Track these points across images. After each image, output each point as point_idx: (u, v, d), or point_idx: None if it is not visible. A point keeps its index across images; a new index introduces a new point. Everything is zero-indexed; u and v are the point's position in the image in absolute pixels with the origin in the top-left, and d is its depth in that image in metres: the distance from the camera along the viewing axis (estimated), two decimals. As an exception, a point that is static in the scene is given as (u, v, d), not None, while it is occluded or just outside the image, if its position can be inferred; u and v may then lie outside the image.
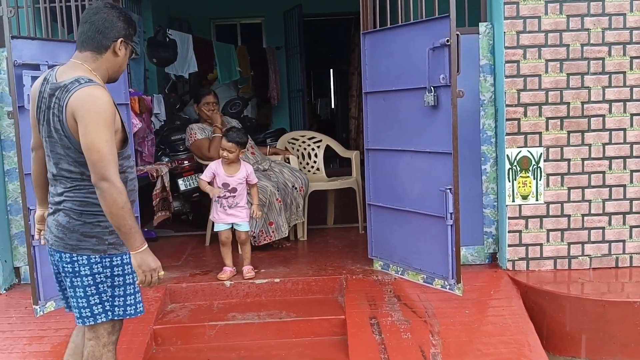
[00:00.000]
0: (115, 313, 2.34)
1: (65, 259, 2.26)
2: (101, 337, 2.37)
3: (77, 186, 2.25)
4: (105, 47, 2.26)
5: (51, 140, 2.23)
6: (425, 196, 3.59)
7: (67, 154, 2.21)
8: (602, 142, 3.72)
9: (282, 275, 3.93)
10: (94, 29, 2.24)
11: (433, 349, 3.08)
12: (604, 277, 3.70)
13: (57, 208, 2.29)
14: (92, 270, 2.26)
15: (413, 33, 3.55)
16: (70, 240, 2.24)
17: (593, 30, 3.66)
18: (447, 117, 3.35)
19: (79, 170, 2.22)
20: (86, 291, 2.28)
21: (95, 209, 2.25)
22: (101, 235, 2.26)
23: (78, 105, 2.12)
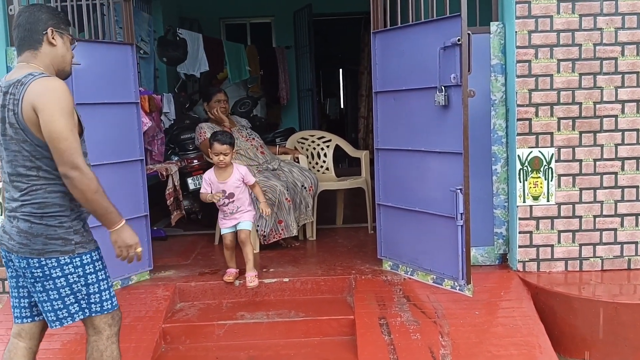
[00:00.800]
0: (93, 310, 2.34)
1: (34, 265, 2.22)
2: (103, 331, 2.39)
3: (34, 187, 2.21)
4: (38, 41, 2.26)
5: (5, 139, 2.21)
6: (435, 196, 3.57)
7: (22, 149, 2.18)
8: (615, 143, 3.69)
9: (291, 275, 3.92)
10: (22, 30, 2.27)
11: (442, 350, 3.06)
12: (616, 279, 3.66)
13: (14, 215, 2.25)
14: (63, 271, 2.24)
15: (424, 32, 3.53)
16: (36, 245, 2.21)
17: (606, 30, 3.63)
18: (457, 116, 3.33)
19: (35, 166, 2.19)
20: (60, 292, 2.26)
21: (55, 210, 2.22)
22: (66, 235, 2.24)
23: (38, 95, 2.10)
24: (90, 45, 3.67)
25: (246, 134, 4.94)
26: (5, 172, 2.27)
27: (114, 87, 3.76)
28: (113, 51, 3.78)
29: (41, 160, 2.18)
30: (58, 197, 2.22)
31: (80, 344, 3.26)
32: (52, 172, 2.20)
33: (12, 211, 2.26)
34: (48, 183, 2.21)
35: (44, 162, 2.19)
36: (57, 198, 2.22)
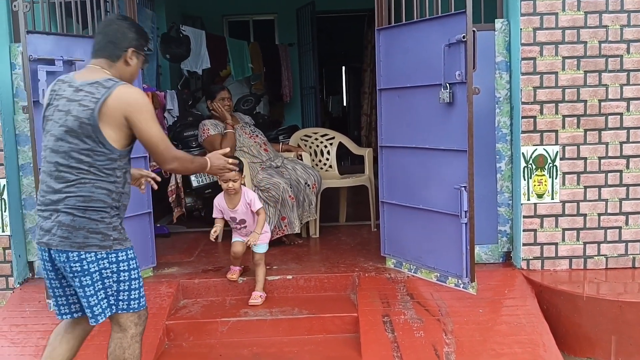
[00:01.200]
0: (119, 307, 2.39)
1: (73, 258, 2.29)
2: (128, 329, 2.44)
3: (82, 180, 2.29)
4: (117, 56, 2.39)
5: (61, 129, 2.28)
6: (440, 194, 3.56)
7: (83, 143, 2.26)
8: (620, 141, 3.67)
9: (294, 272, 3.91)
10: (106, 40, 2.39)
11: (446, 347, 3.06)
12: (621, 277, 3.65)
13: (55, 208, 2.30)
14: (99, 266, 2.31)
15: (428, 29, 3.52)
16: (77, 239, 2.28)
17: (611, 27, 3.61)
18: (462, 114, 3.32)
19: (89, 161, 2.28)
20: (95, 287, 2.33)
21: (98, 205, 2.31)
22: (105, 231, 2.32)
23: (130, 105, 2.28)
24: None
25: (249, 131, 4.93)
26: (51, 161, 2.31)
27: (117, 84, 3.75)
28: (117, 48, 3.77)
29: (97, 157, 2.29)
30: (103, 193, 2.31)
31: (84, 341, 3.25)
32: (103, 171, 2.31)
33: (52, 204, 2.30)
34: (96, 179, 2.29)
35: (100, 159, 2.29)
36: (102, 194, 2.31)
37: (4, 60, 3.78)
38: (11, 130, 3.82)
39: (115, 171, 2.34)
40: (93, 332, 3.30)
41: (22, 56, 3.27)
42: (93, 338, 3.25)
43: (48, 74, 3.31)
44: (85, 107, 2.25)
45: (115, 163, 2.33)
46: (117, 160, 2.33)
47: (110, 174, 2.32)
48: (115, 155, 2.31)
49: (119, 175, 2.36)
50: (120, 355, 2.44)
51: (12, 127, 3.82)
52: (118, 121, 2.28)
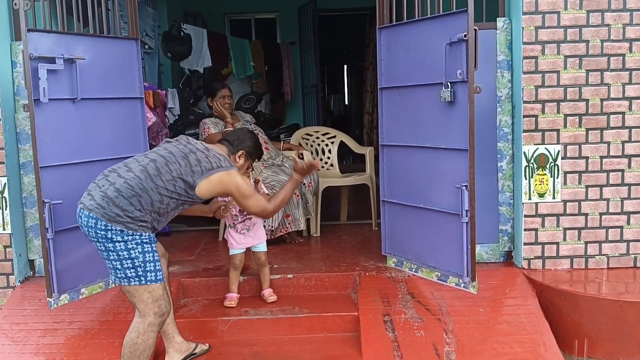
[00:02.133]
0: (149, 278, 2.63)
1: (101, 226, 2.57)
2: (147, 316, 2.65)
3: (155, 179, 2.66)
4: (233, 151, 3.10)
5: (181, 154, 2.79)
6: (441, 193, 3.55)
7: (184, 170, 2.73)
8: (622, 140, 3.66)
9: (295, 271, 3.91)
10: (234, 137, 3.17)
11: (447, 347, 3.05)
12: (622, 277, 3.64)
13: (112, 182, 2.65)
14: (124, 238, 2.58)
15: (430, 28, 3.51)
16: (111, 212, 2.58)
17: (613, 26, 3.60)
18: (463, 113, 3.31)
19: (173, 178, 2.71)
20: (119, 255, 2.59)
21: (144, 201, 2.62)
22: (137, 219, 2.61)
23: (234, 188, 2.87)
24: (95, 40, 3.66)
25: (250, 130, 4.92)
26: (151, 157, 2.75)
27: (118, 82, 3.75)
28: (118, 46, 3.77)
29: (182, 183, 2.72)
30: (156, 199, 2.66)
31: (85, 339, 3.26)
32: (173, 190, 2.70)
33: (114, 177, 2.66)
34: (164, 189, 2.68)
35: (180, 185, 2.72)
36: (155, 198, 2.65)
37: (4, 59, 3.78)
38: (12, 129, 3.82)
39: (180, 197, 2.73)
40: (94, 331, 3.33)
41: (23, 54, 3.27)
42: (93, 337, 3.28)
43: (49, 72, 3.31)
44: (209, 162, 2.79)
45: (185, 195, 2.74)
46: (188, 199, 2.77)
47: (175, 197, 2.71)
48: (191, 193, 2.75)
49: (179, 202, 2.75)
50: (134, 338, 2.64)
51: (13, 125, 3.82)
52: (219, 189, 2.85)
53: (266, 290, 3.73)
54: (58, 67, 3.36)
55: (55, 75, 3.39)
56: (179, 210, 2.83)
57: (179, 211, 2.85)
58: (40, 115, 3.33)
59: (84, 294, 3.59)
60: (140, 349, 2.65)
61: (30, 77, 3.24)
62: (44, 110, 3.36)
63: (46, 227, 3.31)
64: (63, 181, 3.45)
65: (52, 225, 3.33)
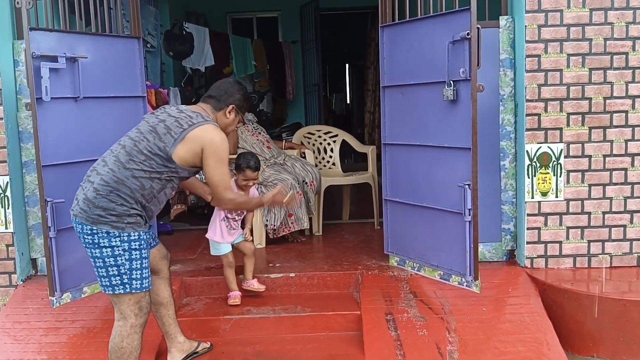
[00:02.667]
0: (134, 286, 2.53)
1: (86, 231, 2.50)
2: (129, 318, 2.58)
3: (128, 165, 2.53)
4: (221, 107, 2.80)
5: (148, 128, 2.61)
6: (443, 192, 3.55)
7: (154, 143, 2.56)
8: (625, 139, 3.65)
9: (297, 270, 3.91)
10: (217, 92, 2.83)
11: (449, 346, 3.04)
12: (625, 276, 3.63)
13: (90, 181, 2.55)
14: (110, 242, 2.49)
15: (432, 26, 3.50)
16: (93, 214, 2.48)
17: (616, 24, 3.59)
18: (466, 111, 3.30)
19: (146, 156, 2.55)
20: (105, 262, 2.50)
21: (125, 193, 2.51)
22: (121, 214, 2.50)
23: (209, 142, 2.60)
24: (97, 39, 3.66)
25: (252, 129, 4.92)
26: (122, 144, 2.62)
27: (120, 81, 3.75)
28: (120, 44, 3.77)
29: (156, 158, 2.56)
30: (135, 186, 2.53)
31: (87, 338, 3.26)
32: (152, 170, 2.55)
33: (93, 176, 2.57)
34: (140, 171, 2.53)
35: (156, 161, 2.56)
36: (133, 185, 2.52)
37: (7, 57, 3.77)
38: (14, 127, 3.82)
39: (161, 175, 2.58)
40: (96, 330, 3.33)
41: (25, 53, 3.27)
42: (95, 336, 3.28)
43: (51, 71, 3.31)
44: (179, 125, 2.59)
45: (166, 171, 2.58)
46: (172, 174, 2.60)
47: (155, 176, 2.56)
48: (171, 165, 2.58)
49: (162, 181, 2.60)
50: (119, 342, 2.58)
51: (15, 124, 3.82)
52: (194, 148, 2.59)
53: (253, 281, 3.72)
54: (60, 66, 3.36)
55: (58, 74, 3.39)
56: (168, 190, 2.67)
57: (170, 191, 2.69)
58: (43, 114, 3.33)
59: (86, 292, 3.59)
60: (127, 352, 2.60)
61: (32, 76, 3.24)
62: (46, 109, 3.36)
63: (48, 225, 3.32)
64: (65, 180, 3.44)
65: (55, 224, 3.34)
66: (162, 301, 2.97)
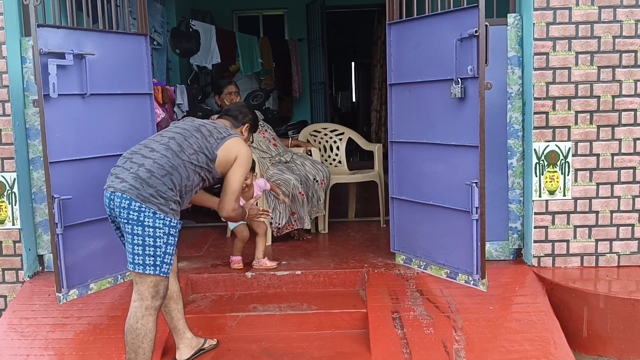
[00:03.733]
0: (163, 269, 2.64)
1: (134, 207, 2.57)
2: (145, 299, 2.64)
3: (180, 155, 2.70)
4: (237, 125, 3.17)
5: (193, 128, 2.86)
6: (450, 190, 3.53)
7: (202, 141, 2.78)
8: (633, 137, 3.63)
9: (303, 268, 3.90)
10: (236, 111, 3.23)
11: (456, 344, 3.04)
12: (633, 275, 3.61)
13: (140, 163, 2.66)
14: (155, 223, 2.58)
15: (440, 23, 3.48)
16: (145, 193, 2.58)
17: (625, 22, 3.56)
18: (474, 109, 3.28)
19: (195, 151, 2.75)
20: (145, 241, 2.59)
21: (175, 179, 2.66)
22: (169, 199, 2.63)
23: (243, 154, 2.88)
24: (104, 36, 3.65)
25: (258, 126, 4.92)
26: (167, 136, 2.80)
27: (127, 78, 3.75)
28: (127, 42, 3.76)
29: (203, 156, 2.76)
30: (184, 175, 2.69)
31: (93, 334, 3.27)
32: (198, 165, 2.74)
33: (140, 159, 2.68)
34: (189, 163, 2.71)
35: (202, 158, 2.76)
36: (183, 174, 2.69)
37: (14, 54, 3.78)
38: (22, 124, 3.82)
39: (202, 171, 2.77)
40: (102, 326, 3.34)
41: (33, 50, 3.27)
42: (102, 332, 3.28)
43: (58, 68, 3.31)
44: (218, 132, 2.85)
45: (207, 169, 2.78)
46: (208, 170, 2.79)
47: (198, 171, 2.74)
48: (212, 166, 2.79)
49: (201, 177, 2.78)
50: (134, 324, 2.64)
51: (22, 120, 3.83)
52: (229, 155, 2.83)
53: (264, 260, 3.94)
54: (67, 63, 3.36)
55: (65, 70, 3.39)
56: (198, 188, 2.85)
57: (197, 190, 2.87)
58: (50, 111, 3.33)
59: (92, 289, 3.59)
60: (142, 334, 2.64)
61: (39, 73, 3.24)
62: (53, 106, 3.36)
63: (55, 222, 3.32)
64: (72, 176, 3.45)
65: (62, 221, 3.34)
66: (171, 295, 3.00)
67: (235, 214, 2.97)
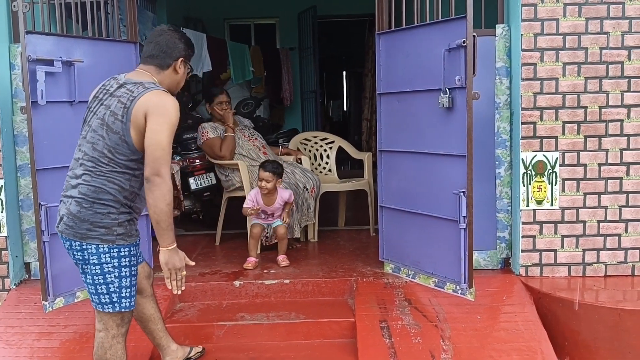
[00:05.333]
0: (123, 305, 2.41)
1: (75, 247, 2.37)
2: (110, 329, 2.46)
3: (98, 171, 2.35)
4: (167, 65, 2.51)
5: (98, 122, 2.38)
6: (438, 199, 3.54)
7: (109, 139, 2.34)
8: (620, 148, 3.66)
9: (292, 277, 3.90)
10: (158, 49, 2.50)
11: (444, 354, 3.04)
12: (620, 285, 3.63)
13: (70, 195, 2.38)
14: (100, 259, 2.35)
15: (429, 34, 3.51)
16: (80, 229, 2.34)
17: (612, 34, 3.60)
18: (462, 119, 3.30)
19: (110, 157, 2.35)
20: (94, 279, 2.38)
21: (107, 199, 2.35)
22: (110, 226, 2.35)
23: (154, 105, 2.31)
24: (94, 43, 3.65)
25: (249, 134, 4.92)
26: (82, 150, 2.41)
27: (116, 85, 3.74)
28: (117, 49, 3.76)
29: (119, 154, 2.34)
30: (115, 189, 2.35)
31: (79, 343, 3.24)
32: (122, 168, 2.35)
33: (70, 189, 2.40)
34: (112, 173, 2.34)
35: (120, 157, 2.34)
36: (113, 189, 2.35)
37: (3, 61, 3.77)
38: (9, 131, 3.81)
39: (134, 171, 2.38)
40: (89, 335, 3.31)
41: (21, 56, 3.26)
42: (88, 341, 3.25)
43: (47, 75, 3.31)
44: (122, 104, 2.34)
45: (135, 164, 2.36)
46: (137, 162, 2.36)
47: (127, 172, 2.36)
48: (136, 156, 2.35)
49: (137, 175, 2.39)
50: (103, 355, 2.49)
51: (10, 127, 3.81)
52: (140, 121, 2.31)
53: (280, 256, 4.19)
54: (56, 70, 3.36)
55: (54, 77, 3.39)
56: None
57: None
58: (38, 118, 3.32)
59: (79, 297, 3.57)
60: None
61: (28, 80, 3.23)
62: (41, 113, 3.35)
63: (42, 229, 3.30)
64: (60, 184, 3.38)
65: (48, 228, 3.31)
66: (149, 318, 2.89)
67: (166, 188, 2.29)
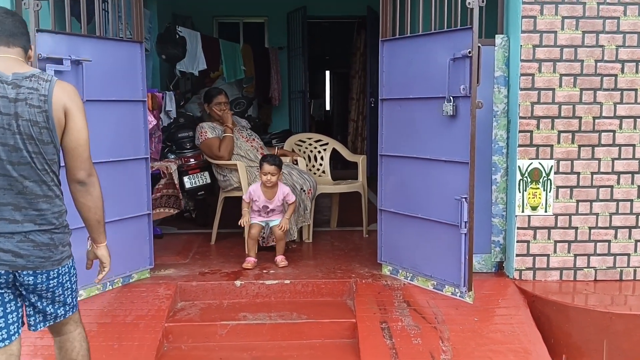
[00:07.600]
0: (76, 304, 2.35)
1: (53, 276, 2.15)
2: (81, 324, 2.42)
3: (52, 194, 2.10)
4: (28, 48, 2.16)
5: (16, 137, 1.99)
6: (439, 204, 3.63)
7: (43, 152, 2.03)
8: (612, 157, 3.80)
9: (291, 277, 3.95)
10: (14, 26, 2.09)
11: (443, 355, 3.12)
12: (608, 289, 3.77)
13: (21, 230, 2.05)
14: (70, 274, 2.24)
15: (433, 43, 3.59)
16: (57, 256, 2.14)
17: (607, 47, 3.73)
18: (465, 127, 3.39)
19: (50, 171, 2.08)
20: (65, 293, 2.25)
21: (65, 217, 2.18)
22: (69, 240, 2.22)
23: (71, 99, 2.05)
24: (101, 42, 3.66)
25: (246, 135, 4.95)
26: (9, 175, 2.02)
27: (122, 85, 3.76)
28: (123, 48, 3.77)
29: (53, 165, 2.09)
30: (63, 202, 2.18)
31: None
32: (58, 179, 2.15)
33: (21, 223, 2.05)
34: (59, 191, 2.14)
35: (55, 167, 2.11)
36: (64, 205, 2.18)
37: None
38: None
39: (57, 176, 2.15)
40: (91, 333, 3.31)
41: (31, 54, 3.25)
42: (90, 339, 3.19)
43: (56, 73, 3.30)
44: (39, 108, 1.99)
45: (57, 167, 2.14)
46: (58, 164, 2.14)
47: (56, 178, 2.14)
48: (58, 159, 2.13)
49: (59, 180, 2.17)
50: (87, 346, 2.43)
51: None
52: (62, 121, 2.04)
53: (278, 257, 4.24)
54: (65, 69, 3.36)
55: (62, 76, 3.38)
56: None
57: None
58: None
59: (81, 295, 3.57)
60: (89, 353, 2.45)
61: (36, 78, 3.22)
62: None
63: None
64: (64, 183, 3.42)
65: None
66: None
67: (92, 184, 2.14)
